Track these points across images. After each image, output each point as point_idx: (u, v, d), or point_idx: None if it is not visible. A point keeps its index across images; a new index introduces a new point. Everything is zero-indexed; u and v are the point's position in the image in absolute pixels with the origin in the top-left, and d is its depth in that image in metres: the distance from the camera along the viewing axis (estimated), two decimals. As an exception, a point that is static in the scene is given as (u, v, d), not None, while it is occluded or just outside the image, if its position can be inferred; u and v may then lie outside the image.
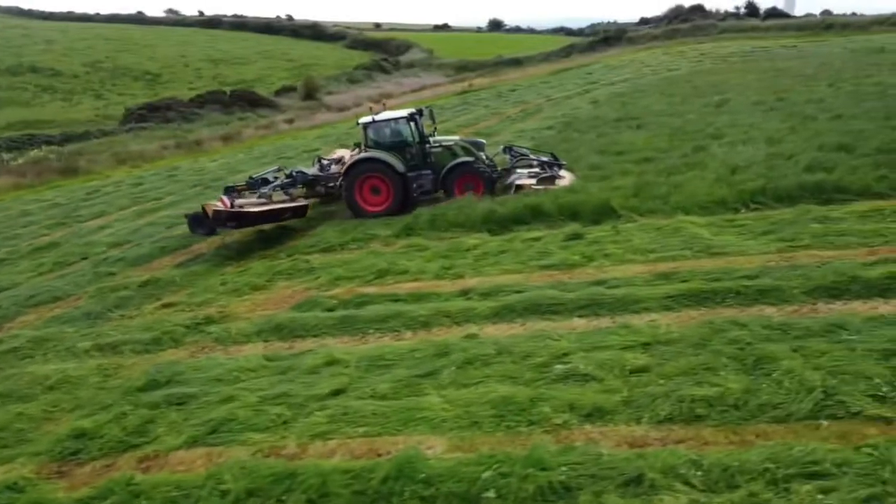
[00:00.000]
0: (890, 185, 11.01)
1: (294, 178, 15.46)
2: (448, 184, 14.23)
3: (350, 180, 14.40)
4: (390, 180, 14.24)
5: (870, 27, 48.54)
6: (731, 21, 59.54)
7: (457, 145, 14.72)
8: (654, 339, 6.82)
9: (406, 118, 14.62)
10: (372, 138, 14.83)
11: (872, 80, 21.66)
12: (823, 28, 51.21)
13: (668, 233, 10.38)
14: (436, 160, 14.50)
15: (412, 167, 14.47)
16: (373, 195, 14.43)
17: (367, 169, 14.35)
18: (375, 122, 14.79)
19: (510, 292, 8.66)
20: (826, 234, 9.37)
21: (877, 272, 7.64)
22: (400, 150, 14.57)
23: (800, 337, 6.49)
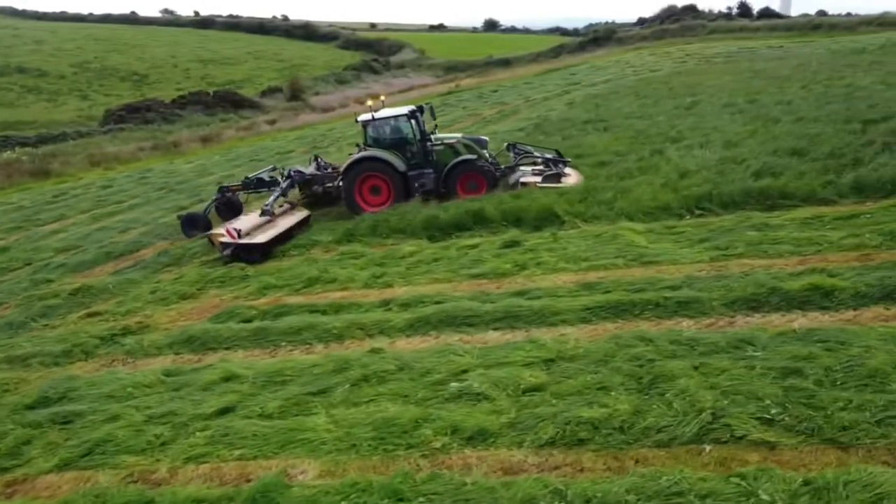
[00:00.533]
0: (835, 190, 10.77)
1: (292, 178, 15.03)
2: (450, 183, 13.81)
3: (350, 180, 14.00)
4: (391, 179, 13.84)
5: (857, 28, 48.32)
6: (721, 21, 59.27)
7: (459, 143, 14.30)
8: (558, 354, 6.57)
9: (407, 115, 14.19)
10: (372, 136, 14.42)
11: (844, 82, 21.40)
12: (811, 28, 50.96)
13: (606, 240, 10.13)
14: (437, 159, 14.10)
15: (413, 166, 14.07)
16: (373, 195, 14.02)
17: (366, 168, 13.95)
18: (375, 119, 14.34)
19: (430, 303, 8.41)
20: (761, 243, 9.13)
21: (799, 283, 7.40)
22: (400, 148, 14.18)
23: (704, 353, 6.24)
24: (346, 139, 29.04)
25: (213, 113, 42.19)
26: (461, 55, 77.71)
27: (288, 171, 15.38)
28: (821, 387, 5.44)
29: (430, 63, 76.48)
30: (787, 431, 4.99)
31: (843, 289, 7.22)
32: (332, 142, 28.84)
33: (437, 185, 13.94)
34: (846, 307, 7.04)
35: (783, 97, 20.35)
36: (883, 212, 9.65)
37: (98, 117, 43.25)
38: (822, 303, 7.15)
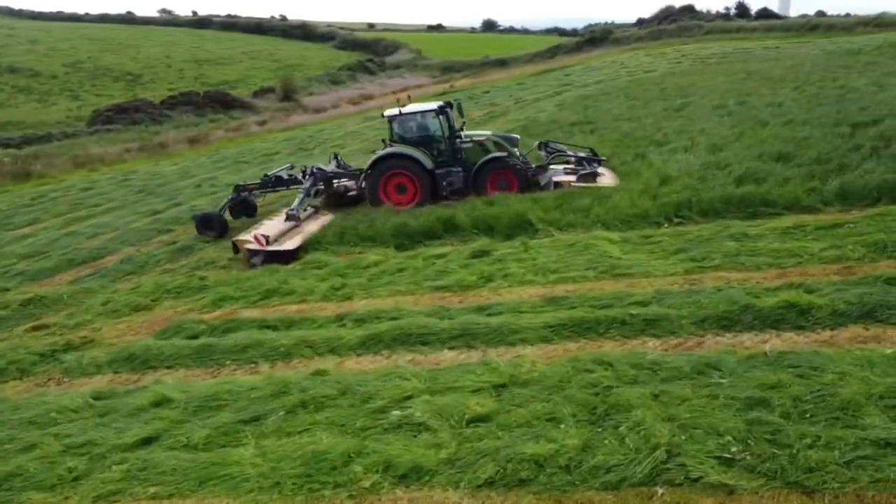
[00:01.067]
0: (820, 198, 10.31)
1: (314, 176, 14.41)
2: (480, 181, 13.24)
3: (375, 177, 13.47)
4: (417, 177, 13.33)
5: (854, 28, 47.80)
6: (718, 22, 58.77)
7: (489, 140, 13.74)
8: (511, 379, 6.09)
9: (435, 111, 13.64)
10: (397, 133, 13.86)
11: (837, 84, 20.90)
12: (808, 29, 50.44)
13: (578, 250, 9.66)
14: (466, 156, 13.58)
15: (441, 164, 13.55)
16: (399, 193, 13.50)
17: (392, 165, 13.43)
18: (402, 115, 13.79)
19: (386, 319, 7.94)
20: (738, 254, 8.66)
21: (774, 300, 6.92)
22: (427, 145, 13.65)
23: (666, 379, 5.77)
24: (333, 141, 28.61)
25: (202, 114, 41.74)
26: (458, 55, 77.29)
27: (310, 168, 14.71)
28: (787, 420, 4.97)
29: (426, 63, 76.03)
30: (747, 473, 4.52)
31: (820, 306, 6.74)
32: (319, 143, 28.37)
33: (466, 184, 13.40)
34: (823, 326, 6.57)
35: (774, 99, 19.87)
36: (867, 221, 9.18)
37: (86, 118, 42.80)
38: (797, 322, 6.68)
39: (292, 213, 13.13)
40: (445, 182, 13.40)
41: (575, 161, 14.29)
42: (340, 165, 15.50)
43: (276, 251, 11.57)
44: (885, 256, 8.04)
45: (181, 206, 17.79)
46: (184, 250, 13.14)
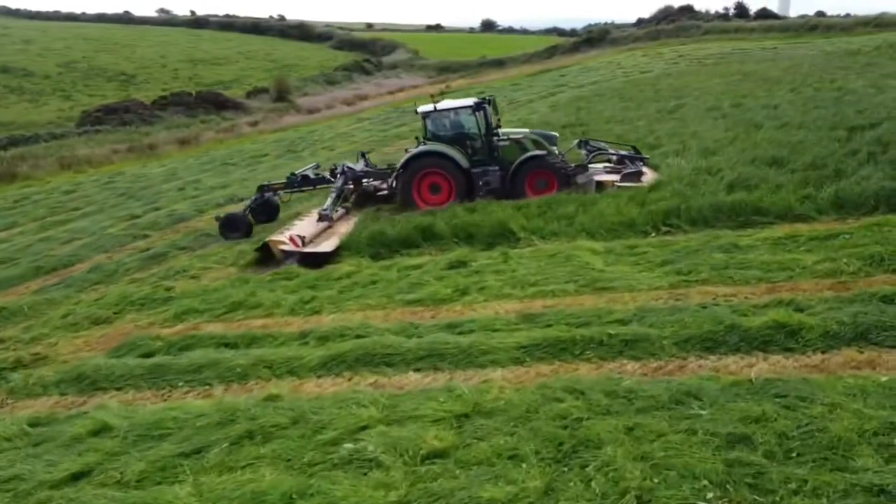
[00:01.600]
0: (814, 206, 9.85)
1: (345, 174, 13.88)
2: (518, 181, 12.72)
3: (408, 176, 12.98)
4: (452, 177, 12.84)
5: (853, 29, 47.33)
6: (716, 22, 58.31)
7: (526, 138, 13.25)
8: (475, 408, 5.62)
9: (472, 108, 13.09)
10: (431, 130, 13.34)
11: (835, 85, 20.44)
12: (808, 30, 49.99)
13: (560, 261, 9.20)
14: (502, 155, 13.08)
15: (476, 162, 13.05)
16: (432, 193, 13.00)
17: (427, 164, 12.95)
18: (436, 111, 13.26)
19: (351, 337, 7.47)
20: (727, 267, 8.20)
21: (761, 320, 6.46)
22: (462, 143, 13.16)
23: (642, 410, 5.30)
24: (323, 143, 28.15)
25: (194, 114, 41.25)
26: (457, 55, 76.77)
27: (340, 167, 14.19)
28: (771, 460, 4.50)
29: (423, 64, 75.56)
30: (724, 523, 4.06)
31: (811, 327, 6.28)
32: (308, 145, 27.90)
33: (503, 184, 12.88)
34: (814, 349, 6.11)
35: (770, 101, 19.41)
36: (863, 231, 8.71)
37: (77, 118, 42.31)
38: (786, 343, 6.22)
39: (325, 213, 12.61)
40: (482, 182, 12.88)
41: (616, 159, 13.75)
42: (368, 164, 14.98)
43: (312, 253, 11.07)
44: (882, 270, 7.58)
45: (160, 210, 17.33)
46: (156, 258, 12.67)
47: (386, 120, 33.18)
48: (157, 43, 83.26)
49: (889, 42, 31.49)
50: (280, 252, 11.15)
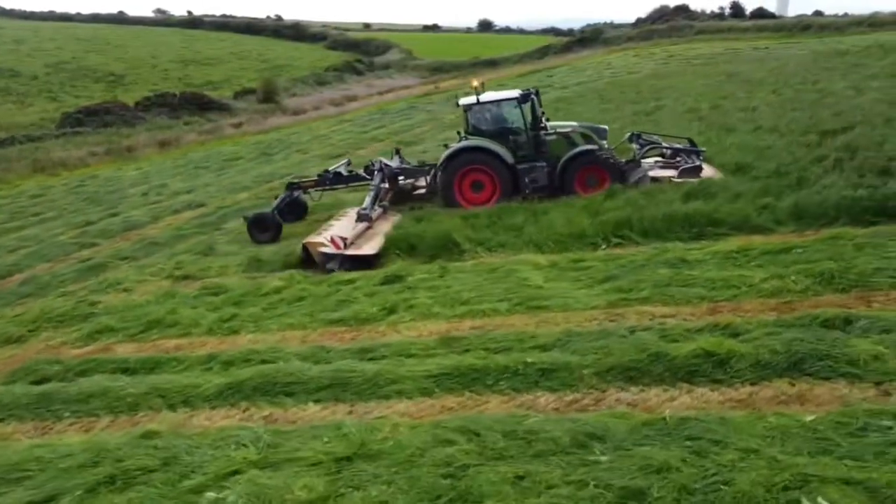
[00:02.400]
0: (772, 217, 9.30)
1: (383, 172, 13.14)
2: (567, 178, 11.99)
3: (449, 173, 12.30)
4: (497, 174, 12.16)
5: (846, 29, 46.80)
6: (709, 22, 57.78)
7: (575, 132, 12.55)
8: (360, 449, 5.07)
9: (517, 100, 12.37)
10: (473, 124, 12.67)
11: (817, 87, 19.90)
12: (801, 29, 49.46)
13: (499, 277, 8.65)
14: (549, 150, 12.36)
15: (522, 158, 12.34)
16: (474, 191, 12.33)
17: (469, 160, 12.24)
18: (479, 104, 12.60)
19: (256, 362, 6.92)
20: (669, 284, 7.65)
21: (690, 348, 5.90)
22: (506, 137, 12.46)
23: (539, 455, 4.75)
24: (298, 145, 27.63)
25: (177, 116, 40.74)
26: (452, 56, 76.27)
27: (377, 164, 13.41)
28: (665, 521, 3.96)
29: (415, 64, 75.12)
30: None
31: (742, 355, 5.73)
32: (284, 148, 27.35)
33: (550, 181, 12.20)
34: (742, 381, 5.56)
35: (749, 103, 18.90)
36: (818, 245, 8.17)
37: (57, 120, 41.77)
38: (714, 374, 5.67)
39: (364, 212, 11.81)
40: (528, 179, 12.19)
41: (670, 153, 13.10)
42: (403, 161, 14.30)
43: (355, 255, 10.36)
44: (831, 289, 7.04)
45: (117, 216, 16.80)
46: (95, 269, 12.12)
47: (367, 121, 32.67)
48: (149, 43, 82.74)
49: (879, 42, 30.92)
50: (320, 255, 10.37)
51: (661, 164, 13.03)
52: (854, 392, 5.25)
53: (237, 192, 18.40)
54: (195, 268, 11.08)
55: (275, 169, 22.03)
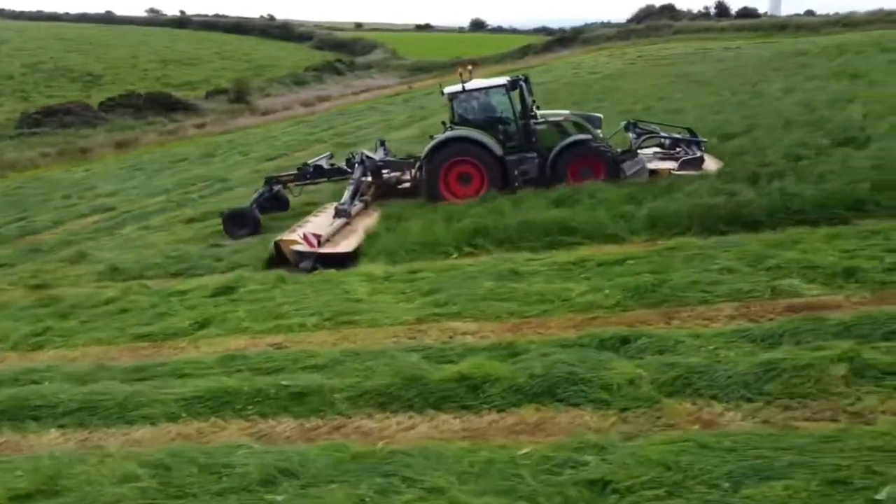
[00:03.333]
0: (627, 225, 8.91)
1: (364, 165, 12.47)
2: (559, 169, 11.35)
3: (434, 166, 11.64)
4: (484, 165, 11.48)
5: (821, 28, 46.39)
6: (687, 21, 57.40)
7: (567, 121, 11.91)
8: (46, 483, 4.67)
9: (506, 86, 11.73)
10: (459, 113, 12.02)
11: (755, 88, 19.54)
12: (778, 29, 49.10)
13: (328, 288, 8.27)
14: (540, 140, 11.70)
15: (511, 149, 11.69)
16: (461, 184, 11.64)
17: (455, 151, 11.57)
18: (465, 91, 11.94)
19: (26, 382, 6.54)
20: (487, 298, 7.26)
21: (448, 372, 5.51)
22: (494, 127, 11.81)
23: (222, 492, 4.37)
24: (245, 146, 27.22)
25: (142, 116, 40.33)
26: (438, 55, 75.82)
27: (358, 156, 12.74)
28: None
29: (398, 64, 74.74)
30: None
31: (498, 380, 5.34)
32: (231, 149, 26.91)
33: (541, 173, 11.55)
34: (491, 407, 5.18)
35: (682, 105, 18.52)
36: (654, 256, 7.80)
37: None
38: (465, 400, 5.29)
39: (342, 207, 11.15)
40: (518, 171, 11.55)
41: (669, 143, 12.55)
42: (388, 153, 13.68)
43: (330, 253, 9.68)
44: (642, 304, 6.65)
45: (22, 220, 16.42)
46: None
47: (322, 122, 32.35)
48: (133, 43, 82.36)
49: (838, 42, 30.53)
50: (293, 253, 9.74)
51: (660, 155, 12.45)
52: (594, 420, 4.87)
53: (155, 195, 18.00)
54: (54, 276, 10.69)
55: (209, 171, 21.65)
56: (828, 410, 4.62)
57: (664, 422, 4.76)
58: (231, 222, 12.22)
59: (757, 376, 4.98)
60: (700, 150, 11.77)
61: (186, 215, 14.35)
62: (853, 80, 18.71)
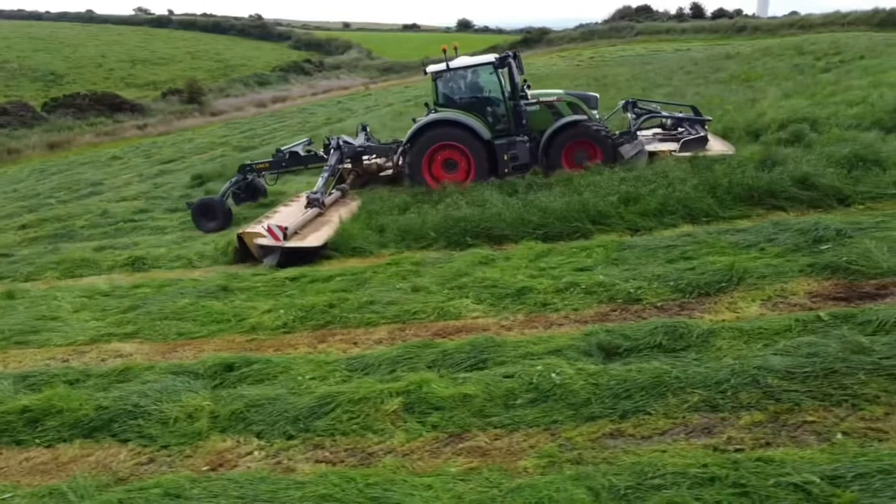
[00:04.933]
0: (379, 237, 8.56)
1: (340, 150, 11.55)
2: (553, 154, 10.61)
3: (417, 151, 10.86)
4: (471, 151, 10.71)
5: (777, 31, 46.12)
6: (649, 23, 57.13)
7: (560, 101, 11.05)
8: None
9: (494, 64, 10.90)
10: (444, 93, 11.20)
11: (644, 93, 19.19)
12: (736, 31, 48.86)
13: (35, 304, 7.90)
14: (531, 122, 10.94)
15: (500, 132, 10.95)
16: (446, 170, 10.89)
17: (439, 135, 10.78)
18: (450, 70, 11.12)
19: None
20: (169, 318, 6.91)
21: (17, 403, 5.14)
22: (481, 108, 11.05)
23: None
24: (160, 148, 26.87)
25: (84, 117, 39.96)
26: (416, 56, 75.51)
27: (334, 141, 11.75)
28: None
29: (366, 65, 74.42)
30: None
31: (61, 412, 4.99)
32: (142, 152, 26.51)
33: (533, 158, 10.84)
34: (44, 442, 4.82)
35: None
36: (371, 271, 7.43)
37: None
38: (22, 434, 4.93)
39: (314, 196, 10.27)
40: (507, 155, 10.80)
41: (671, 123, 11.89)
42: (369, 138, 12.88)
43: (296, 248, 8.80)
44: (307, 325, 6.32)
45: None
46: None
47: (250, 123, 32.03)
48: (106, 42, 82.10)
49: (765, 46, 30.23)
50: (257, 248, 8.88)
51: (660, 136, 11.80)
52: (125, 458, 4.52)
53: (27, 198, 17.62)
54: None
55: (103, 176, 21.28)
56: (351, 451, 4.27)
57: (190, 462, 4.41)
58: (200, 214, 11.44)
59: (312, 410, 4.64)
60: (703, 130, 11.04)
61: (23, 221, 13.96)
62: (744, 84, 18.42)
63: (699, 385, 4.21)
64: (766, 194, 7.53)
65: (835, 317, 4.72)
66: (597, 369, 4.49)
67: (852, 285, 5.35)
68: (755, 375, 4.17)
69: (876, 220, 6.45)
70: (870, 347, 4.19)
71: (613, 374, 4.41)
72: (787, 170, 7.87)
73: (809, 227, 6.39)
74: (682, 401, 4.13)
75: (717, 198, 7.72)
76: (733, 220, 7.30)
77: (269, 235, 8.78)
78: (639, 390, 4.24)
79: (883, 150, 8.05)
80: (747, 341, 4.72)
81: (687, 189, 7.96)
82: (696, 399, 4.12)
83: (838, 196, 7.35)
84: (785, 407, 3.94)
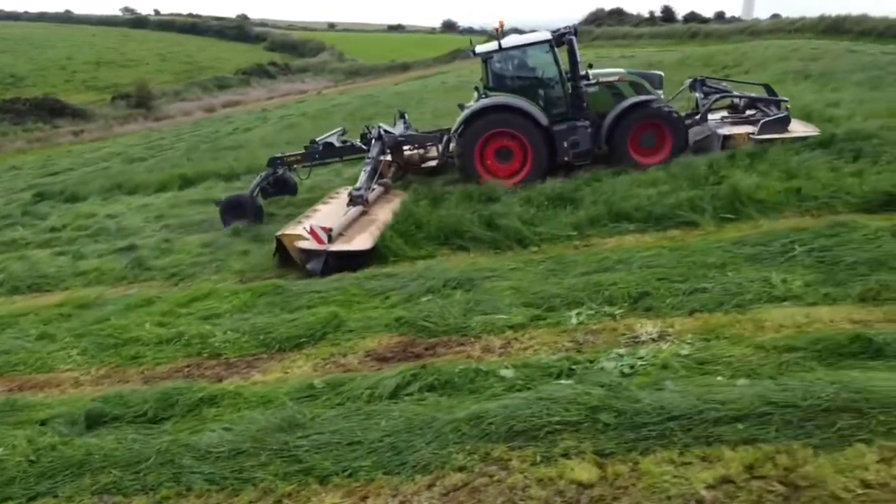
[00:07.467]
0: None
1: (382, 140, 10.80)
2: (618, 140, 9.90)
3: (468, 139, 10.07)
4: (528, 138, 9.90)
5: (729, 36, 46.04)
6: (606, 28, 57.10)
7: (622, 82, 10.26)
8: None
9: (550, 42, 10.12)
10: (497, 74, 10.42)
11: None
12: (689, 36, 48.80)
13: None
14: (591, 105, 10.13)
15: (558, 117, 10.15)
16: (500, 161, 10.11)
17: (493, 122, 10.00)
18: (502, 50, 10.30)
19: None
20: None
21: None
22: (536, 91, 10.22)
23: None
24: (93, 151, 26.62)
25: (21, 122, 39.69)
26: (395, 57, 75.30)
27: (375, 130, 11.00)
28: None
29: (333, 67, 74.20)
30: None
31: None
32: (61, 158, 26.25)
33: (595, 144, 10.09)
34: None
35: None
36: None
37: None
38: None
39: (358, 193, 9.36)
40: (567, 143, 9.94)
41: (744, 104, 11.06)
42: (408, 127, 12.13)
43: (343, 251, 7.97)
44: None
45: None
46: None
47: (179, 127, 31.92)
48: (77, 43, 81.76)
49: (687, 54, 30.07)
50: (298, 252, 8.03)
51: (729, 119, 10.98)
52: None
53: None
54: None
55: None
56: None
57: None
58: (228, 212, 10.77)
59: None
60: (781, 110, 10.20)
61: None
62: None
63: (121, 464, 4.03)
64: (453, 234, 7.36)
65: (328, 385, 4.55)
66: (54, 442, 4.31)
67: (412, 342, 5.20)
68: (179, 455, 4.00)
69: (510, 268, 6.29)
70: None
71: (65, 450, 4.24)
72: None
73: (437, 274, 6.23)
74: (94, 482, 3.96)
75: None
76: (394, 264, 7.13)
77: (312, 238, 7.98)
78: (66, 468, 4.06)
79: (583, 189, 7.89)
80: (248, 407, 4.55)
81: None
82: (109, 480, 3.95)
83: (517, 237, 7.17)
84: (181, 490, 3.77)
